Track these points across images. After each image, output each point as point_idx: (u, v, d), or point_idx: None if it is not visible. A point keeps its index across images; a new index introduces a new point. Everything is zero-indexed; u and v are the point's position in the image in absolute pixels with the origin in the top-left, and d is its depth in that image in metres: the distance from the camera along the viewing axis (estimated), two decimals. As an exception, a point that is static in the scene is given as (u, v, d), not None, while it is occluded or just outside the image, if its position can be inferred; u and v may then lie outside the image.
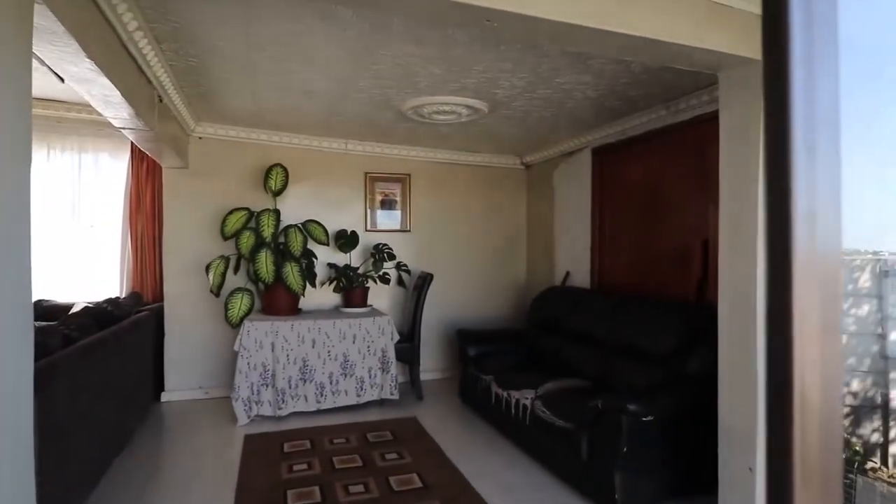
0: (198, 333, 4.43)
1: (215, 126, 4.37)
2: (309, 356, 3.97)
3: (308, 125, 4.25)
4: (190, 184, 4.39)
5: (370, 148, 4.87)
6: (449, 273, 5.13)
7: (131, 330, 3.44)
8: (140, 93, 2.73)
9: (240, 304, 3.97)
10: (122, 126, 2.95)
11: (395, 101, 3.47)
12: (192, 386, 4.44)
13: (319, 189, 4.76)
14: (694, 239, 3.38)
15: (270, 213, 4.01)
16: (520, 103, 3.49)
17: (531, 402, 3.09)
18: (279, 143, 4.58)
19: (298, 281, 3.98)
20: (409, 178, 5.08)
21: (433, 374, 5.11)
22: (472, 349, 4.16)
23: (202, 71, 2.98)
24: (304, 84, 3.17)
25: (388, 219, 5.04)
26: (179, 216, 4.39)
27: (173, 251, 4.40)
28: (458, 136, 4.52)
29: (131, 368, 3.41)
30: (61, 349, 2.54)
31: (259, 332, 3.87)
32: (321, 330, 4.00)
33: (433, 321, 5.02)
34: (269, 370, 3.89)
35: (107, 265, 4.94)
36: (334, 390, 4.02)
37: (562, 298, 4.15)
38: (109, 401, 2.93)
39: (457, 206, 5.28)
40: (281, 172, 4.25)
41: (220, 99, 3.57)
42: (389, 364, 4.14)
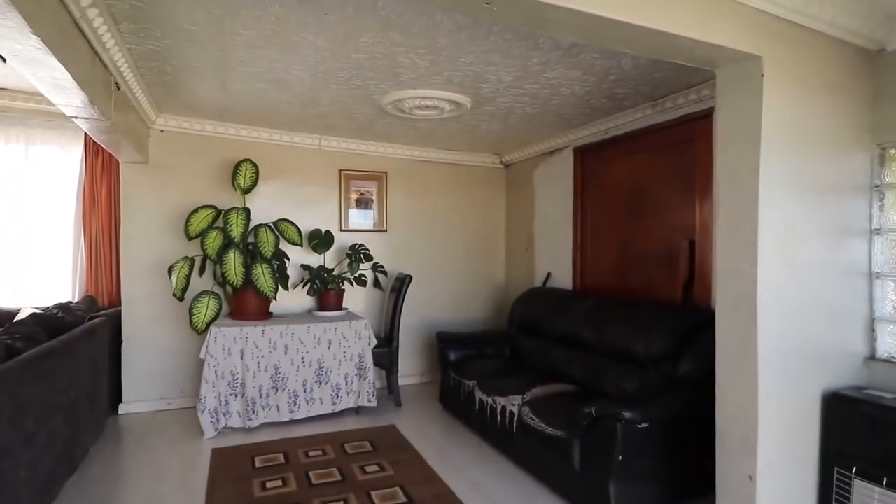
0: (159, 340, 4.13)
1: (178, 118, 4.09)
2: (281, 363, 3.75)
3: (281, 119, 4.02)
4: (150, 180, 4.10)
5: (346, 144, 4.67)
6: (427, 274, 4.98)
7: (84, 338, 3.15)
8: (94, 78, 2.47)
9: (206, 308, 3.72)
10: (75, 115, 2.68)
11: (375, 95, 3.30)
12: (152, 396, 4.14)
13: (292, 187, 4.53)
14: (680, 239, 3.34)
15: (239, 212, 3.77)
16: (505, 99, 3.37)
17: (518, 409, 2.98)
18: (248, 138, 4.33)
19: (270, 284, 3.75)
20: (385, 176, 4.90)
21: (411, 379, 4.95)
22: (452, 353, 4.02)
23: (166, 56, 2.74)
24: (279, 74, 2.96)
25: (363, 218, 4.85)
26: (138, 214, 4.09)
27: (132, 252, 4.09)
28: (437, 134, 4.37)
29: (84, 380, 3.12)
30: (3, 362, 2.27)
31: (227, 339, 3.63)
32: (294, 335, 3.79)
33: (411, 324, 4.86)
34: (238, 379, 3.65)
35: (57, 267, 4.58)
36: (308, 399, 3.81)
37: (544, 300, 4.06)
38: (59, 417, 2.65)
39: (435, 205, 5.14)
40: (250, 168, 4.01)
41: (186, 88, 3.31)
42: (367, 370, 3.95)
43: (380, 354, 4.13)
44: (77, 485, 2.82)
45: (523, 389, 3.11)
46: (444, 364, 4.05)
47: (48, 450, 2.48)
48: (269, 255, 3.84)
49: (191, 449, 3.36)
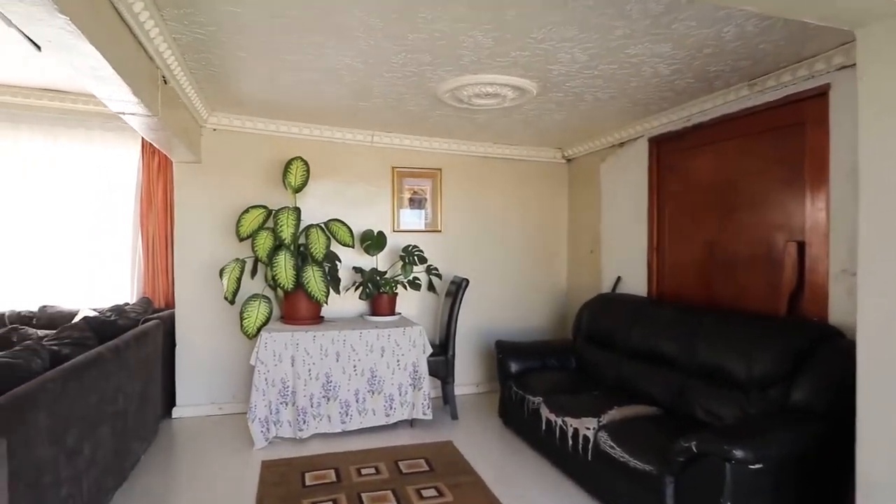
0: (211, 344, 4.05)
1: (230, 116, 3.99)
2: (333, 371, 3.55)
3: (332, 114, 3.83)
4: (203, 180, 4.02)
5: (398, 140, 4.43)
6: (483, 277, 4.67)
7: (135, 343, 3.06)
8: (138, 70, 2.33)
9: (256, 312, 3.58)
10: (122, 111, 2.56)
11: (431, 82, 3.02)
12: (204, 401, 4.06)
13: (343, 185, 4.34)
14: (784, 240, 2.86)
15: (290, 212, 3.60)
16: (576, 83, 3.01)
17: (594, 434, 2.61)
18: (299, 136, 4.17)
19: (321, 287, 3.56)
20: (439, 174, 4.63)
21: (467, 389, 4.65)
22: (513, 364, 3.69)
23: (212, 46, 2.58)
24: (329, 62, 2.74)
25: (417, 218, 4.60)
26: (191, 215, 4.02)
27: (185, 253, 4.02)
28: (495, 126, 4.05)
29: (134, 386, 3.03)
30: (49, 369, 2.16)
31: (277, 345, 3.47)
32: (346, 342, 3.58)
33: (466, 330, 4.57)
34: (288, 387, 3.48)
35: (117, 268, 4.60)
36: (361, 409, 3.59)
37: (616, 308, 3.65)
38: (106, 427, 2.54)
39: (492, 204, 4.82)
40: (301, 166, 3.84)
41: (235, 83, 3.17)
42: (421, 380, 3.69)
43: (435, 363, 3.86)
44: (125, 496, 2.71)
45: (598, 410, 2.74)
46: (504, 376, 3.72)
47: (94, 462, 2.36)
48: (321, 257, 3.65)
49: (240, 460, 3.21)
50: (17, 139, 4.35)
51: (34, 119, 4.37)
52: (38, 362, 2.11)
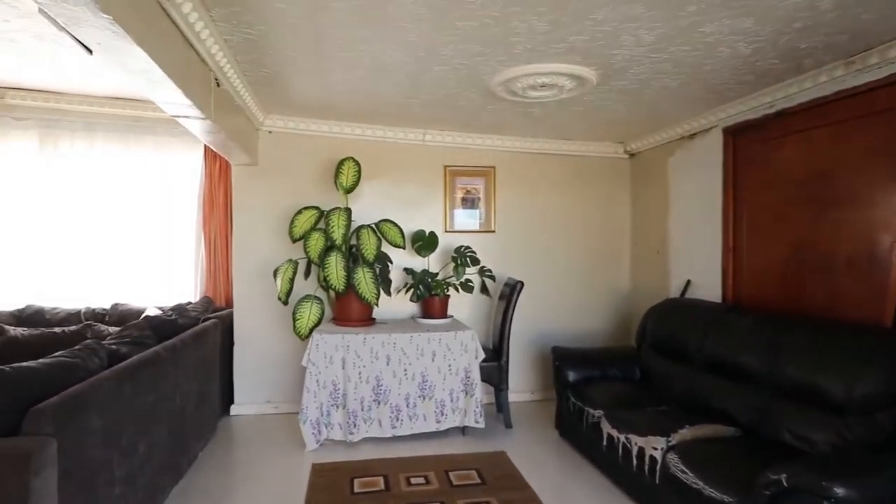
0: (267, 343, 4.11)
1: (285, 118, 4.02)
2: (383, 374, 3.48)
3: (382, 113, 3.77)
4: (259, 182, 4.08)
5: (450, 138, 4.31)
6: (538, 280, 4.46)
7: (192, 342, 3.12)
8: (190, 72, 2.34)
9: (308, 313, 3.57)
10: (177, 114, 2.60)
11: (483, 75, 2.88)
12: (260, 399, 4.12)
13: (394, 186, 4.28)
14: (889, 240, 2.48)
15: (341, 213, 3.57)
16: (641, 69, 2.76)
17: (662, 455, 2.36)
18: (351, 136, 4.15)
19: (371, 289, 3.50)
20: (493, 172, 4.47)
21: (521, 396, 4.46)
22: (571, 373, 3.47)
23: (263, 46, 2.56)
24: (377, 58, 2.66)
25: (469, 218, 4.47)
26: (248, 217, 4.10)
27: (242, 254, 4.11)
28: (552, 120, 3.84)
29: (193, 385, 3.09)
30: (107, 368, 2.20)
31: (328, 346, 3.44)
32: (396, 345, 3.50)
33: (521, 334, 4.37)
34: (339, 389, 3.44)
35: (182, 268, 4.78)
36: (411, 414, 3.50)
37: (686, 314, 3.34)
38: (163, 425, 2.58)
39: (548, 202, 4.59)
40: (353, 167, 3.81)
41: (287, 84, 3.16)
42: (474, 386, 3.55)
43: (488, 369, 3.71)
44: (181, 494, 2.75)
45: (667, 428, 2.48)
46: (561, 385, 3.51)
47: (150, 461, 2.40)
48: (371, 259, 3.59)
49: (292, 461, 3.21)
50: (92, 146, 4.61)
51: (108, 127, 4.62)
52: (95, 361, 2.15)
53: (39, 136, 4.52)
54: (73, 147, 4.58)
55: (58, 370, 1.90)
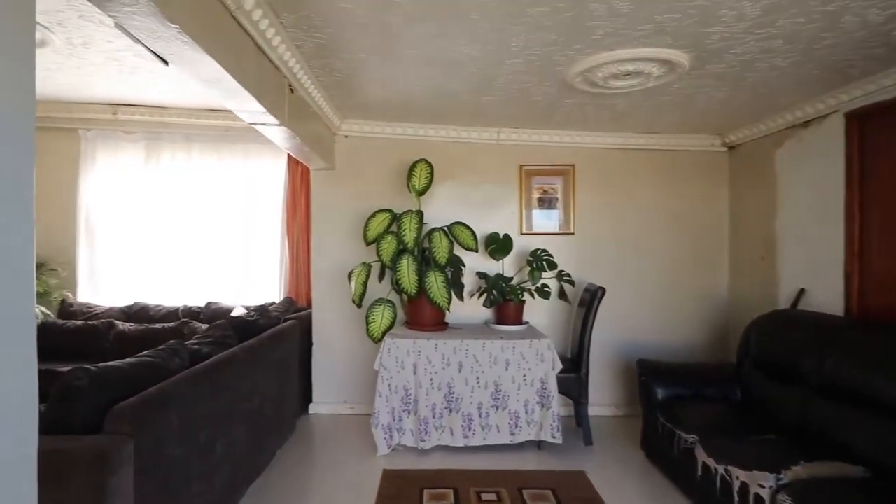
0: (343, 345, 4.17)
1: (360, 122, 4.06)
2: (455, 382, 3.38)
3: (454, 113, 3.68)
4: (335, 186, 4.16)
5: (526, 136, 4.13)
6: (622, 285, 4.14)
7: (271, 343, 3.21)
8: (263, 79, 2.38)
9: (381, 317, 3.56)
10: (254, 122, 2.67)
11: (559, 66, 2.68)
12: (337, 400, 4.19)
13: (468, 187, 4.17)
14: None
15: (412, 216, 3.52)
16: (742, 49, 2.42)
17: (771, 495, 2.03)
18: (425, 137, 4.11)
19: (443, 293, 3.42)
20: (572, 170, 4.22)
21: (603, 410, 4.16)
22: (660, 390, 3.15)
23: (333, 49, 2.56)
24: (447, 53, 2.57)
25: (546, 219, 4.25)
26: (326, 220, 4.19)
27: (321, 257, 4.21)
28: (638, 112, 3.53)
29: (271, 385, 3.18)
30: (188, 367, 2.29)
31: (400, 351, 3.40)
32: (468, 352, 3.38)
33: (603, 343, 4.08)
34: (411, 395, 3.39)
35: (268, 270, 5.00)
36: (484, 424, 3.36)
37: (799, 329, 2.90)
38: (241, 425, 2.66)
39: (632, 201, 4.25)
40: (425, 168, 3.75)
41: (359, 86, 3.16)
42: (550, 398, 3.34)
43: (566, 381, 3.48)
44: (258, 492, 2.83)
45: (776, 463, 2.14)
46: (647, 402, 3.20)
47: (227, 459, 2.47)
48: (443, 262, 3.51)
49: (363, 465, 3.20)
50: (190, 155, 4.96)
51: (204, 137, 4.94)
52: (177, 361, 2.24)
53: (146, 149, 4.94)
54: (174, 158, 4.96)
55: (141, 370, 1.99)
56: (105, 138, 4.89)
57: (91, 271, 4.91)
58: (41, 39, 3.11)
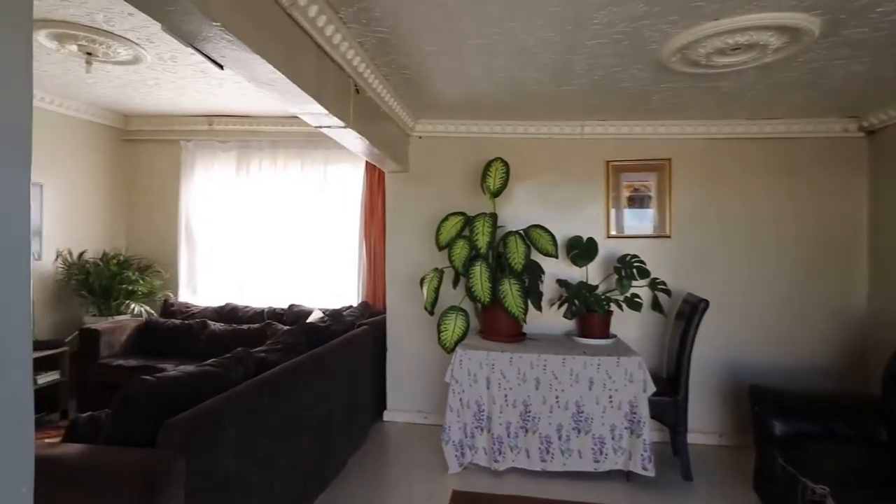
0: (416, 352, 4.05)
1: (434, 122, 3.92)
2: (532, 399, 3.10)
3: (530, 106, 3.40)
4: (409, 188, 4.04)
5: (613, 129, 3.73)
6: (729, 296, 3.61)
7: (341, 350, 3.15)
8: (324, 79, 2.28)
9: (453, 326, 3.38)
10: (319, 125, 2.60)
11: (651, 44, 2.31)
12: (410, 408, 4.08)
13: (547, 186, 3.86)
14: None
15: (485, 219, 3.30)
16: (894, 6, 1.92)
17: (943, 581, 1.55)
18: (501, 135, 3.86)
19: (518, 303, 3.16)
20: (668, 165, 3.75)
21: (705, 438, 3.65)
22: (777, 423, 2.64)
23: (397, 45, 2.41)
24: (517, 39, 2.31)
25: (638, 221, 3.81)
26: (400, 224, 4.09)
27: (395, 261, 4.12)
28: (749, 94, 3.02)
29: (341, 393, 3.11)
30: (251, 377, 2.26)
31: (472, 363, 3.19)
32: (546, 368, 3.09)
33: (705, 363, 3.58)
34: (483, 411, 3.17)
35: (347, 273, 5.03)
36: (564, 448, 3.05)
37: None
38: (307, 434, 2.60)
39: (742, 200, 3.69)
40: (500, 168, 3.51)
41: (429, 85, 3.00)
42: (641, 424, 2.95)
43: (660, 404, 3.06)
44: (327, 501, 2.76)
45: (949, 538, 1.64)
46: (763, 436, 2.70)
47: (292, 470, 2.42)
48: (519, 269, 3.25)
49: (434, 483, 3.03)
50: (275, 162, 5.12)
51: (289, 144, 5.08)
52: (240, 371, 2.21)
53: (237, 157, 5.18)
54: (261, 164, 5.14)
55: (199, 381, 1.96)
56: (202, 148, 5.19)
57: (190, 273, 5.24)
58: (135, 56, 3.30)
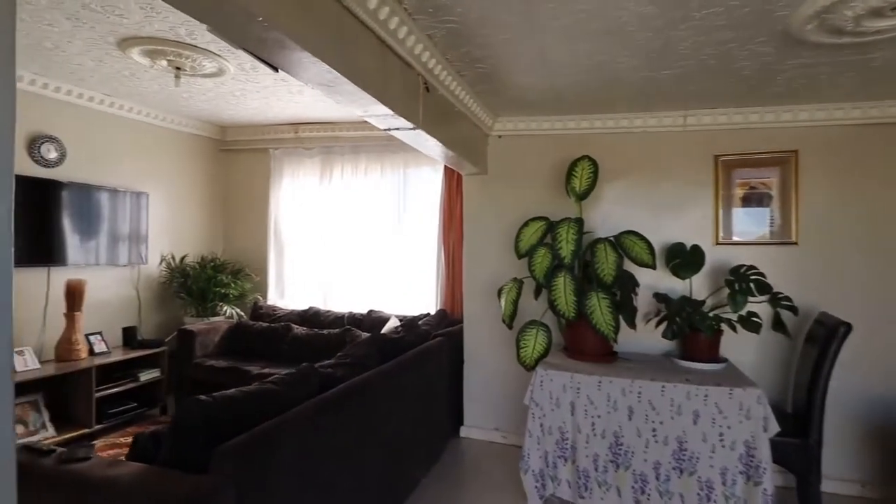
0: (494, 366, 3.79)
1: (514, 120, 3.64)
2: (624, 431, 2.72)
3: (623, 96, 3.00)
4: (488, 191, 3.80)
5: (724, 117, 3.22)
6: (875, 315, 2.97)
7: (412, 365, 2.99)
8: (389, 77, 2.11)
9: (534, 342, 3.08)
10: (386, 127, 2.44)
11: (779, 9, 1.87)
12: (488, 426, 3.83)
13: (642, 186, 3.42)
14: None
15: (570, 225, 2.96)
16: None
17: None
18: (589, 130, 3.49)
19: (608, 320, 2.79)
20: (794, 158, 3.16)
21: (842, 487, 3.02)
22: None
23: (469, 35, 2.18)
24: (604, 18, 1.98)
25: (755, 225, 3.26)
26: (478, 229, 3.86)
27: (473, 269, 3.90)
28: (910, 68, 2.42)
29: (413, 409, 2.95)
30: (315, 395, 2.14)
31: (555, 386, 2.87)
32: (642, 396, 2.69)
33: (844, 396, 2.97)
34: (567, 439, 2.84)
35: (426, 280, 4.89)
36: (663, 490, 2.64)
37: None
38: (374, 454, 2.45)
39: (892, 197, 3.01)
40: (587, 167, 3.15)
41: (508, 78, 2.74)
42: (760, 470, 2.46)
43: (785, 447, 2.54)
44: (392, 529, 2.60)
45: None
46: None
47: (356, 494, 2.28)
48: (609, 281, 2.88)
49: (510, 515, 2.76)
50: (356, 166, 5.12)
51: (369, 149, 5.06)
52: (302, 389, 2.09)
53: (321, 163, 5.25)
54: (343, 170, 5.17)
55: (257, 400, 1.87)
56: (289, 155, 5.33)
57: (278, 276, 5.40)
58: (219, 68, 3.38)
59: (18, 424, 3.36)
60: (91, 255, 4.07)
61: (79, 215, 3.95)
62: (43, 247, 3.74)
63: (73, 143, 3.98)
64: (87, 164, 4.10)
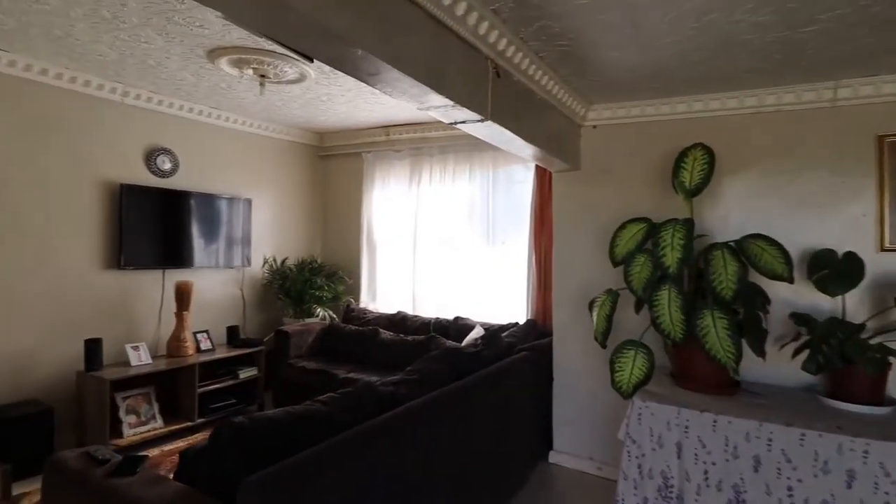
0: (588, 387, 3.36)
1: (611, 106, 3.18)
2: (747, 485, 2.17)
3: (742, 69, 2.42)
4: (579, 189, 3.38)
5: (891, 86, 2.48)
6: None
7: (488, 384, 2.70)
8: (446, 62, 1.84)
9: (631, 367, 2.61)
10: (451, 121, 2.18)
11: None
12: (581, 453, 3.40)
13: (773, 178, 2.76)
14: None
15: (676, 228, 2.45)
16: None
17: None
18: (701, 114, 2.92)
19: (727, 344, 2.25)
20: None
21: None
22: None
23: (542, 7, 1.84)
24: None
25: (940, 224, 2.47)
26: (569, 233, 3.45)
27: (563, 276, 3.50)
28: None
29: (487, 432, 2.66)
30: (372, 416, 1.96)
31: (657, 420, 2.40)
32: (773, 443, 2.13)
33: None
34: (672, 486, 2.35)
35: (517, 286, 4.56)
36: (800, 566, 2.06)
37: None
38: (439, 485, 2.21)
39: None
40: (700, 158, 2.61)
41: (595, 56, 2.34)
42: (952, 562, 1.80)
43: None
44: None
45: None
46: None
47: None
48: (728, 296, 2.33)
49: (599, 568, 2.35)
50: (444, 167, 4.95)
51: (457, 149, 4.86)
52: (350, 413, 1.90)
53: (410, 164, 5.17)
54: (432, 171, 5.03)
55: (299, 423, 1.71)
56: (380, 158, 5.32)
57: (370, 279, 5.42)
58: (300, 73, 3.38)
59: (131, 414, 3.66)
60: (212, 257, 4.50)
61: (202, 221, 4.39)
62: (172, 251, 4.20)
63: (185, 153, 4.29)
64: (198, 173, 4.40)
